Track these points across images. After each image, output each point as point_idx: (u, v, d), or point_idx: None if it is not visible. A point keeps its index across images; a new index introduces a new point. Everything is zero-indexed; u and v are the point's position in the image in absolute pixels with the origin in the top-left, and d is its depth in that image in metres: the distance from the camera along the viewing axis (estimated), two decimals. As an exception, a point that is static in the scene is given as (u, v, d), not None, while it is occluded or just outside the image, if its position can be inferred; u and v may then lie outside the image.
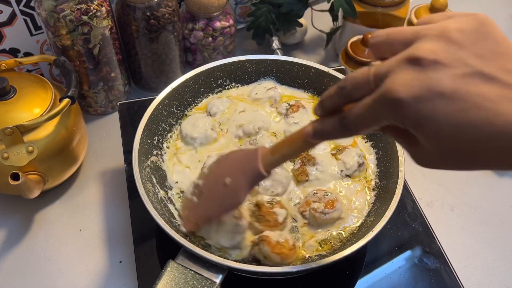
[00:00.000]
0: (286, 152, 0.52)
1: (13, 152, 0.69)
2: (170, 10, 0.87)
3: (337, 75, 0.77)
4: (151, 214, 0.59)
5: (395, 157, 0.67)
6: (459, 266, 0.75)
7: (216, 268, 0.56)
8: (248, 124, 0.75)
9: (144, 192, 0.61)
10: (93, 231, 0.78)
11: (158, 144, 0.73)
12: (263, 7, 1.00)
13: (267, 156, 0.54)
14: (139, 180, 0.63)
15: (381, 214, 0.61)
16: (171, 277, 0.55)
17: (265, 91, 0.79)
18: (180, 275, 0.55)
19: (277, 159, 0.53)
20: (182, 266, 0.56)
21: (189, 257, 0.57)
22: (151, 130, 0.72)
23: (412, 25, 1.04)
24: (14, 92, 0.73)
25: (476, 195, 0.86)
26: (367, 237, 0.57)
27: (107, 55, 0.86)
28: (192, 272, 0.56)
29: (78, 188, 0.84)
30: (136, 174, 0.63)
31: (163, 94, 0.74)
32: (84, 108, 0.93)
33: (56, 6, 0.76)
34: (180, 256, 0.57)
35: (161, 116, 0.74)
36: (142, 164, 0.67)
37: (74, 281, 0.72)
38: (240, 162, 0.58)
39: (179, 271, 0.56)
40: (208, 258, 0.56)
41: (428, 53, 0.34)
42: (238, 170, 0.57)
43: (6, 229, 0.78)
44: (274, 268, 0.58)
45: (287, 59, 0.80)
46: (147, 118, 0.70)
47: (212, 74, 0.79)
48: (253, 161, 0.55)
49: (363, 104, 0.39)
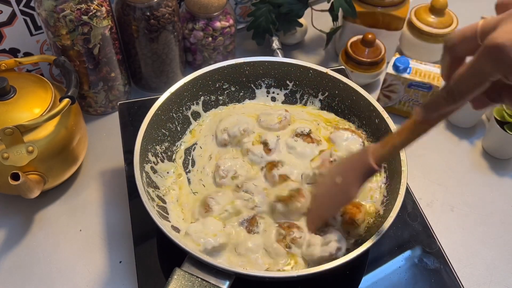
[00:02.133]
0: (396, 143, 0.53)
1: (13, 152, 0.69)
2: (170, 10, 0.87)
3: (336, 75, 0.77)
4: (151, 217, 0.59)
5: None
6: (459, 266, 0.75)
7: (223, 274, 0.56)
8: (233, 127, 0.75)
9: (144, 192, 0.61)
10: (93, 231, 0.78)
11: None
12: (263, 7, 1.00)
13: (377, 150, 0.55)
14: (139, 180, 0.63)
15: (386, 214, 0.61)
16: (178, 285, 0.54)
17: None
18: (187, 283, 0.55)
19: (388, 151, 0.54)
20: (188, 274, 0.55)
21: (195, 264, 0.56)
22: (152, 130, 0.72)
23: (412, 24, 1.04)
24: (14, 92, 0.73)
25: (476, 195, 0.86)
26: (371, 241, 0.57)
27: (107, 55, 0.86)
28: (199, 280, 0.55)
29: (78, 188, 0.84)
30: (136, 174, 0.63)
31: (165, 95, 0.74)
32: (84, 108, 0.93)
33: (56, 6, 0.76)
34: (186, 263, 0.57)
35: (163, 120, 0.74)
36: (142, 164, 0.67)
37: (74, 281, 0.72)
38: (350, 161, 0.60)
39: (186, 278, 0.55)
40: (215, 264, 0.55)
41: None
42: (349, 168, 0.59)
43: (6, 229, 0.78)
44: (280, 273, 0.58)
45: (285, 60, 0.80)
46: (149, 118, 0.70)
47: (210, 77, 0.79)
48: (363, 157, 0.56)
49: (467, 64, 0.40)
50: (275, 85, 0.83)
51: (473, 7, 1.27)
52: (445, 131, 0.97)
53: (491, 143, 0.92)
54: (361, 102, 0.75)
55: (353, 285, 0.68)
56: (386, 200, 0.67)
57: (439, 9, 1.03)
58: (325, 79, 0.79)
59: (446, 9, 1.04)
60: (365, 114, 0.75)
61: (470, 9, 1.26)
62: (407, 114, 0.97)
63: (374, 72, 0.99)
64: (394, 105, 0.97)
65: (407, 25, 1.07)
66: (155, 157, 0.72)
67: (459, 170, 0.90)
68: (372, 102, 0.73)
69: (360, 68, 0.98)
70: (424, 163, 0.90)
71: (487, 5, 1.28)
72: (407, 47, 1.09)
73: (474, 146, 0.94)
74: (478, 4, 1.29)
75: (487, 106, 0.46)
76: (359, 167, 0.57)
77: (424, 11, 1.05)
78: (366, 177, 0.57)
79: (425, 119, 0.48)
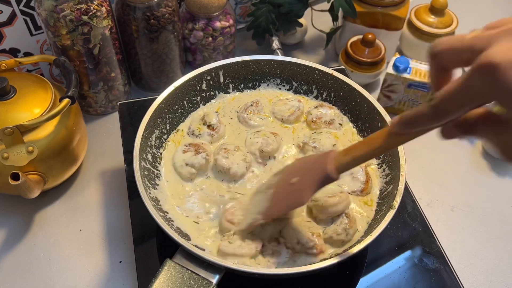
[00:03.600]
0: (362, 153, 0.48)
1: (13, 152, 0.69)
2: (170, 10, 0.87)
3: (341, 77, 0.77)
4: (151, 214, 0.59)
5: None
6: (459, 266, 0.75)
7: (213, 268, 0.56)
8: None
9: (144, 192, 0.61)
10: (93, 231, 0.78)
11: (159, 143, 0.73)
12: (263, 7, 1.00)
13: (339, 157, 0.51)
14: (139, 180, 0.63)
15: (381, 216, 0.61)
16: (167, 276, 0.55)
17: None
18: (177, 274, 0.55)
19: (351, 160, 0.50)
20: (179, 265, 0.56)
21: (187, 256, 0.57)
22: (152, 130, 0.72)
23: (412, 24, 1.04)
24: (14, 92, 0.73)
25: (476, 195, 0.86)
26: (365, 241, 0.57)
27: (107, 55, 0.86)
28: (189, 272, 0.56)
29: (78, 188, 0.84)
30: (136, 174, 0.63)
31: (165, 93, 0.74)
32: (84, 108, 0.93)
33: (56, 6, 0.76)
34: (178, 255, 0.57)
35: (163, 115, 0.74)
36: (142, 164, 0.66)
37: (74, 281, 0.72)
38: (312, 162, 0.57)
39: (176, 270, 0.56)
40: (206, 258, 0.56)
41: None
42: (308, 170, 0.56)
43: (6, 229, 0.78)
44: (271, 269, 0.58)
45: (292, 60, 0.80)
46: (148, 117, 0.70)
47: (215, 74, 0.79)
48: (323, 162, 0.52)
49: (456, 80, 0.37)
50: (280, 84, 0.83)
51: (473, 7, 1.27)
52: (445, 131, 0.97)
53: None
54: (364, 105, 0.75)
55: (353, 285, 0.68)
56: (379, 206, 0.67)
57: (439, 9, 1.03)
58: (330, 80, 0.79)
59: (446, 9, 1.04)
60: (368, 117, 0.75)
61: (470, 9, 1.26)
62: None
63: (374, 72, 0.99)
64: (394, 105, 0.97)
65: (407, 25, 1.07)
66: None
67: (459, 170, 0.90)
68: (375, 105, 0.73)
69: (360, 68, 0.98)
70: (424, 163, 0.90)
71: (487, 5, 1.29)
72: (407, 47, 1.09)
73: (474, 146, 0.94)
74: (478, 4, 1.29)
75: (455, 137, 0.42)
76: (317, 172, 0.53)
77: (424, 11, 1.05)
78: (322, 184, 0.54)
79: (403, 132, 0.44)
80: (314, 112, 0.78)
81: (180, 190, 0.69)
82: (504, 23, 0.37)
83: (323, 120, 0.76)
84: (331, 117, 0.77)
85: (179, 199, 0.68)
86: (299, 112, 0.78)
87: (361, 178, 0.69)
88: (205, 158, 0.70)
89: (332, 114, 0.77)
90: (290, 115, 0.78)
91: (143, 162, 0.67)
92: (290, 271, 0.56)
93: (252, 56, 0.80)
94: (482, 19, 1.24)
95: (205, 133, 0.75)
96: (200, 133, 0.75)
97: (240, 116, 0.78)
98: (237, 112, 0.79)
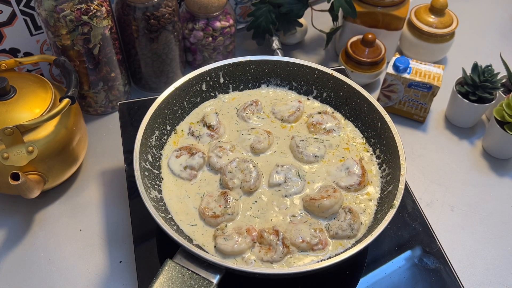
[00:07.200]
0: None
1: (13, 152, 0.69)
2: (170, 10, 0.87)
3: (341, 77, 0.77)
4: (151, 214, 0.59)
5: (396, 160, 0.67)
6: (459, 266, 0.75)
7: (213, 268, 0.56)
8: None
9: (145, 192, 0.61)
10: (93, 231, 0.78)
11: (160, 143, 0.73)
12: (263, 7, 1.00)
13: None
14: (139, 180, 0.63)
15: (381, 218, 0.61)
16: (168, 276, 0.55)
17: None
18: (178, 274, 0.55)
19: None
20: (179, 266, 0.56)
21: (187, 256, 0.57)
22: (153, 130, 0.72)
23: (412, 24, 1.04)
24: (14, 92, 0.73)
25: (476, 195, 0.86)
26: (365, 241, 0.57)
27: (107, 55, 0.86)
28: (190, 272, 0.56)
29: (78, 188, 0.84)
30: (136, 174, 0.63)
31: (165, 94, 0.74)
32: (84, 108, 0.93)
33: (56, 6, 0.76)
34: (178, 255, 0.57)
35: (163, 116, 0.74)
36: (142, 164, 0.66)
37: (74, 281, 0.72)
38: None
39: (176, 270, 0.56)
40: (206, 258, 0.56)
41: None
42: None
43: (6, 229, 0.78)
44: (271, 269, 0.58)
45: (291, 60, 0.80)
46: (148, 117, 0.70)
47: (215, 74, 0.79)
48: None
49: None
50: (280, 84, 0.83)
51: (473, 7, 1.27)
52: (445, 131, 0.97)
53: (491, 143, 0.92)
54: (364, 105, 0.75)
55: (353, 285, 0.68)
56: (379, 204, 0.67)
57: (439, 9, 1.03)
58: (330, 80, 0.79)
59: (446, 9, 1.04)
60: (368, 117, 0.76)
61: (470, 9, 1.26)
62: (407, 114, 0.97)
63: (374, 72, 0.99)
64: (394, 105, 0.97)
65: (407, 25, 1.07)
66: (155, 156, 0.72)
67: (459, 170, 0.90)
68: (375, 105, 0.73)
69: (360, 68, 0.98)
70: (424, 163, 0.90)
71: (487, 5, 1.29)
72: (407, 47, 1.09)
73: (474, 146, 0.94)
74: (478, 4, 1.29)
75: None
76: None
77: (424, 11, 1.05)
78: None
79: None
80: (316, 117, 0.78)
81: (180, 190, 0.69)
82: None
83: (323, 127, 0.77)
84: (331, 127, 0.77)
85: (179, 199, 0.68)
86: (299, 113, 0.79)
87: (357, 171, 0.70)
88: (202, 157, 0.71)
89: (333, 124, 0.78)
90: (290, 115, 0.78)
91: (144, 162, 0.67)
92: (290, 271, 0.57)
93: (252, 56, 0.80)
94: (482, 19, 1.25)
95: (205, 134, 0.75)
96: (200, 134, 0.75)
97: (239, 114, 0.79)
98: (236, 109, 0.80)
